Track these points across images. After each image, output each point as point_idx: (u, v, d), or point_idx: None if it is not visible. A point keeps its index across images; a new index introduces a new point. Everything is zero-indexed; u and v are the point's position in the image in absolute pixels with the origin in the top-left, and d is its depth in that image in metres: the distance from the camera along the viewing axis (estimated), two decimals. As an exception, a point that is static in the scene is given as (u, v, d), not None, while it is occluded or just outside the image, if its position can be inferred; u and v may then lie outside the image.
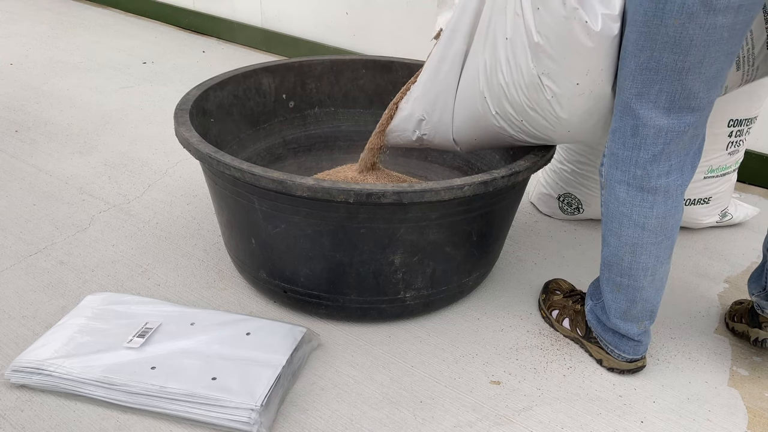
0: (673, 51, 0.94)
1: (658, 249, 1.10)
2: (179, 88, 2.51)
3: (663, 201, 1.06)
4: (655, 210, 1.07)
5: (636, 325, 1.17)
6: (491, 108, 1.19)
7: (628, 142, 1.05)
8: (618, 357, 1.21)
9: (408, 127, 1.34)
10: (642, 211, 1.07)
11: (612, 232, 1.11)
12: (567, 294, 1.36)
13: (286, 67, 1.65)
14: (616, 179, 1.08)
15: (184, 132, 1.25)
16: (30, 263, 1.47)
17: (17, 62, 2.74)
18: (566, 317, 1.31)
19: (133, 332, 1.19)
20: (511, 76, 1.12)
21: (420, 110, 1.30)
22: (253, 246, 1.27)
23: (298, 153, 1.72)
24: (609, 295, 1.17)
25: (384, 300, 1.27)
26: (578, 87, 1.08)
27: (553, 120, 1.14)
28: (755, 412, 1.17)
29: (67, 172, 1.87)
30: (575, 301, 1.32)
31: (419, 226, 1.17)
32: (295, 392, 1.16)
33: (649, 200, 1.06)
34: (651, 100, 1.00)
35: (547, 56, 1.07)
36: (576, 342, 1.30)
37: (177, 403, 1.07)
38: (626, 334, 1.18)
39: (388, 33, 2.61)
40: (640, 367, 1.22)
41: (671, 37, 0.93)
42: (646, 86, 0.99)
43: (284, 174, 1.10)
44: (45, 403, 1.11)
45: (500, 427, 1.11)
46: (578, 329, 1.28)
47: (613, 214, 1.10)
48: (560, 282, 1.40)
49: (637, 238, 1.09)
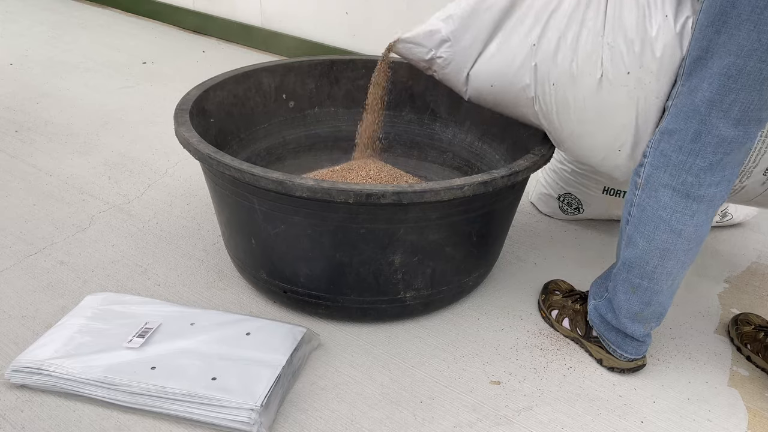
0: (761, 59, 0.89)
1: (687, 256, 1.07)
2: (179, 88, 2.51)
3: (705, 210, 1.03)
4: (695, 218, 1.03)
5: (644, 326, 1.16)
6: (535, 85, 1.13)
7: (685, 147, 1.00)
8: (620, 357, 1.21)
9: (426, 44, 1.25)
10: (683, 218, 1.03)
11: (643, 234, 1.08)
12: (566, 294, 1.36)
13: (286, 67, 1.65)
14: (661, 182, 1.03)
15: (184, 132, 1.25)
16: (30, 263, 1.47)
17: (17, 62, 2.74)
18: (566, 317, 1.31)
19: (133, 332, 1.19)
20: (589, 72, 1.09)
21: (448, 30, 1.21)
22: (253, 246, 1.27)
23: (298, 153, 1.72)
24: (623, 296, 1.15)
25: (384, 300, 1.27)
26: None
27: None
28: (755, 412, 1.17)
29: (67, 172, 1.87)
30: (574, 301, 1.32)
31: (419, 226, 1.17)
32: (295, 392, 1.16)
33: (692, 208, 1.02)
34: (723, 108, 0.95)
35: (648, 71, 1.04)
36: (576, 342, 1.30)
37: (177, 403, 1.07)
38: (632, 335, 1.17)
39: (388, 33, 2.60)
40: (640, 366, 1.22)
41: (763, 44, 0.88)
42: (721, 93, 0.94)
43: (284, 174, 1.09)
44: (45, 403, 1.11)
45: (500, 427, 1.11)
46: (578, 329, 1.28)
47: (649, 217, 1.06)
48: (560, 282, 1.40)
49: (670, 244, 1.06)
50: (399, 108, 1.74)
